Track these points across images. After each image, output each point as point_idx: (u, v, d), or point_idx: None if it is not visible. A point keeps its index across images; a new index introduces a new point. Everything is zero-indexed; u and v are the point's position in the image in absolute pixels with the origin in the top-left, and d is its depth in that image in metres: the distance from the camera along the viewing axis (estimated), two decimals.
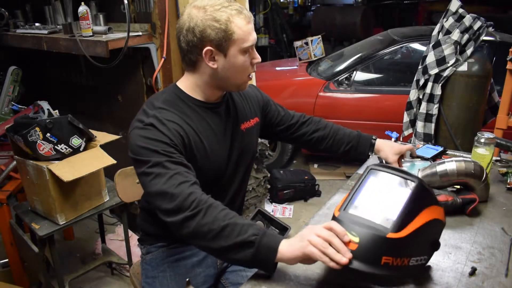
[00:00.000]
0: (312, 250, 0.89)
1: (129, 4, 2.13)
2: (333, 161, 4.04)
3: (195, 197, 1.01)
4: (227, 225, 0.97)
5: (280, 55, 7.10)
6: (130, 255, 2.25)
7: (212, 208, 1.00)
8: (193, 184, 1.05)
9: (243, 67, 1.15)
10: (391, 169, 0.99)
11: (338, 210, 0.96)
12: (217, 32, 1.08)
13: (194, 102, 1.20)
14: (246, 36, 1.11)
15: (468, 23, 2.38)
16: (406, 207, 0.90)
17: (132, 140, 1.11)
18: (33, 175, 1.88)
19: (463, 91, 2.40)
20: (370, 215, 0.92)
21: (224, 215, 0.99)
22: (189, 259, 1.32)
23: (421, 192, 0.93)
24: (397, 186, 0.96)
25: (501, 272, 1.01)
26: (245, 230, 0.96)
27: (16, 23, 2.86)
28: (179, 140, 1.11)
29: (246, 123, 1.33)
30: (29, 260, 2.15)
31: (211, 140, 1.21)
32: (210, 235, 0.98)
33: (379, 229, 0.88)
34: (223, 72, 1.14)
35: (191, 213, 0.99)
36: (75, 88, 3.13)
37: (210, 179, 1.22)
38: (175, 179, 1.03)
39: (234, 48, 1.11)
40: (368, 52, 3.65)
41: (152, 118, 1.11)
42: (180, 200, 1.00)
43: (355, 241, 0.88)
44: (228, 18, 1.08)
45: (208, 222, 0.98)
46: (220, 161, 1.24)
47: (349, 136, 1.51)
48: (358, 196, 0.97)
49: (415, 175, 0.96)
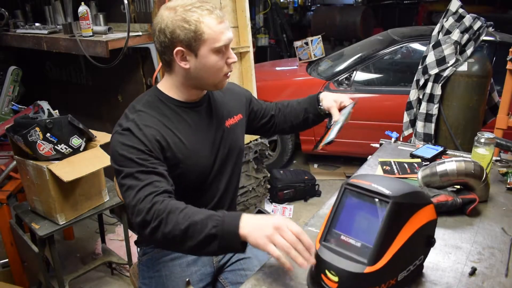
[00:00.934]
0: (273, 250, 0.92)
1: (129, 4, 2.13)
2: (333, 161, 4.04)
3: (155, 208, 1.03)
4: (188, 227, 0.99)
5: (280, 55, 7.11)
6: (130, 255, 2.25)
7: (172, 215, 1.01)
8: (160, 193, 1.06)
9: (215, 67, 1.15)
10: (364, 189, 0.92)
11: (319, 242, 0.94)
12: (186, 32, 1.09)
13: (173, 103, 1.22)
14: (218, 35, 1.11)
15: (468, 23, 2.38)
16: (381, 233, 0.85)
17: (112, 146, 1.15)
18: (33, 175, 1.88)
19: (463, 91, 2.40)
20: (348, 246, 0.89)
21: (183, 216, 1.00)
22: (184, 258, 1.32)
23: (398, 210, 0.87)
24: (372, 208, 0.90)
25: (501, 272, 1.01)
26: (205, 225, 0.98)
27: (16, 23, 2.86)
28: (155, 145, 1.12)
29: (230, 120, 1.33)
30: (29, 260, 2.15)
31: (192, 139, 1.22)
32: (177, 240, 1.01)
33: (356, 265, 0.86)
34: (195, 72, 1.16)
35: (154, 225, 1.02)
36: (75, 88, 3.13)
37: (196, 179, 1.23)
38: (143, 192, 1.05)
39: (205, 48, 1.11)
40: (368, 52, 3.65)
41: (130, 123, 1.14)
42: (144, 215, 1.03)
43: (335, 280, 0.88)
44: (198, 18, 1.09)
45: (171, 230, 1.00)
46: (204, 159, 1.25)
47: (301, 102, 1.52)
48: (336, 223, 0.94)
49: (390, 194, 0.87)
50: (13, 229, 2.11)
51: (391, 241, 0.87)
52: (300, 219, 3.12)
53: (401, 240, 0.87)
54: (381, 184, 0.90)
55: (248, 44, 2.78)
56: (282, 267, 1.01)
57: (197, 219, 0.99)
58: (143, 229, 1.04)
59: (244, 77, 2.87)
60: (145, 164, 1.09)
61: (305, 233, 0.94)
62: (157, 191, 1.06)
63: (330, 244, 0.92)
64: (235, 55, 1.19)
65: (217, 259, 1.37)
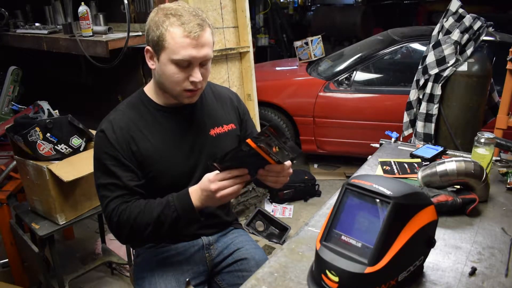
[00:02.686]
0: (224, 196, 1.06)
1: (129, 4, 2.13)
2: (333, 161, 4.05)
3: (121, 219, 1.15)
4: (155, 223, 1.13)
5: (280, 55, 7.11)
6: (130, 255, 2.25)
7: (137, 219, 1.13)
8: (126, 201, 1.17)
9: (172, 78, 1.14)
10: (365, 190, 0.91)
11: (319, 241, 0.94)
12: (153, 35, 1.13)
13: (153, 106, 1.25)
14: (177, 48, 1.10)
15: (468, 23, 2.38)
16: (382, 234, 0.85)
17: (94, 143, 1.24)
18: (33, 175, 1.88)
19: (463, 91, 2.40)
20: (348, 246, 0.89)
21: (147, 216, 1.13)
22: (176, 257, 1.33)
23: (399, 211, 0.87)
24: (373, 208, 0.90)
25: (501, 272, 1.01)
26: (166, 214, 1.12)
27: (16, 23, 2.86)
28: (126, 149, 1.18)
29: (217, 128, 1.31)
30: (29, 260, 2.15)
31: (167, 143, 1.23)
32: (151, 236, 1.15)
33: (357, 266, 0.86)
34: (158, 75, 1.19)
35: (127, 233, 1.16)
36: (75, 88, 3.13)
37: (173, 183, 1.23)
38: (112, 204, 1.16)
39: (165, 55, 1.13)
40: (368, 52, 3.65)
41: (107, 124, 1.20)
42: (115, 229, 1.18)
43: (335, 281, 0.88)
44: (167, 26, 1.10)
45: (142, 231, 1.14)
46: (180, 164, 1.25)
47: None
48: (337, 223, 0.94)
49: (391, 195, 0.87)
50: (13, 229, 2.11)
51: (392, 242, 0.87)
52: (300, 219, 3.12)
53: (401, 241, 0.87)
54: (382, 184, 0.90)
55: (248, 44, 2.78)
56: (282, 267, 1.01)
57: (157, 212, 1.13)
58: (120, 238, 1.20)
59: (244, 77, 2.87)
60: (114, 173, 1.17)
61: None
62: (121, 202, 1.16)
63: (331, 244, 0.92)
64: (199, 75, 1.14)
65: (210, 258, 1.37)
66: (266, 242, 2.63)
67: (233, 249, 1.38)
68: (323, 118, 3.62)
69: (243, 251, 1.37)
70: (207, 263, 1.37)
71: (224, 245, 1.39)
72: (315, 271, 0.96)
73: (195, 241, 1.36)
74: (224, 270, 1.38)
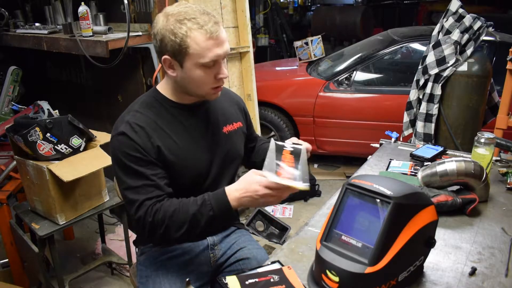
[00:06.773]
0: (269, 202, 1.07)
1: (129, 4, 2.13)
2: (333, 161, 4.04)
3: (156, 219, 1.11)
4: (190, 221, 1.10)
5: (280, 55, 7.10)
6: (130, 255, 2.25)
7: (172, 218, 1.11)
8: (157, 202, 1.13)
9: (200, 80, 1.14)
10: (366, 190, 0.92)
11: (320, 241, 0.94)
12: (172, 44, 1.09)
13: (170, 104, 1.23)
14: (204, 52, 1.09)
15: (468, 23, 2.38)
16: (383, 234, 0.85)
17: (111, 151, 1.18)
18: (33, 175, 1.88)
19: (463, 91, 2.40)
20: (349, 246, 0.89)
21: (182, 215, 1.11)
22: (181, 257, 1.33)
23: (399, 211, 0.87)
24: (373, 208, 0.90)
25: (501, 272, 1.01)
26: (201, 213, 1.10)
27: (16, 23, 2.86)
28: (149, 147, 1.15)
29: (229, 126, 1.33)
30: (29, 260, 2.15)
31: (188, 141, 1.22)
32: (185, 236, 1.12)
33: (357, 266, 0.86)
34: (182, 81, 1.17)
35: (161, 232, 1.12)
36: (75, 88, 3.13)
37: (192, 181, 1.24)
38: (144, 207, 1.12)
39: (190, 62, 1.11)
40: (368, 52, 3.65)
41: (125, 125, 1.16)
42: (149, 228, 1.13)
43: (335, 281, 0.88)
44: (186, 32, 1.07)
45: (177, 230, 1.11)
46: (200, 162, 1.25)
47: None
48: (337, 223, 0.94)
49: (391, 195, 0.87)
50: (13, 229, 2.11)
51: (392, 242, 0.87)
52: (300, 219, 3.12)
53: (402, 241, 0.87)
54: (383, 184, 0.90)
55: (248, 44, 2.78)
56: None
57: (193, 211, 1.10)
58: (154, 237, 1.15)
59: (244, 77, 2.87)
60: (143, 173, 1.13)
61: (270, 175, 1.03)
62: (154, 202, 1.13)
63: (331, 244, 0.92)
64: (226, 71, 1.16)
65: (214, 258, 1.37)
66: (266, 242, 2.63)
67: (236, 248, 1.39)
68: (323, 118, 3.62)
69: (245, 251, 1.37)
70: (211, 264, 1.37)
71: (228, 245, 1.40)
72: (315, 271, 0.96)
73: (201, 241, 1.36)
74: (226, 270, 1.38)
